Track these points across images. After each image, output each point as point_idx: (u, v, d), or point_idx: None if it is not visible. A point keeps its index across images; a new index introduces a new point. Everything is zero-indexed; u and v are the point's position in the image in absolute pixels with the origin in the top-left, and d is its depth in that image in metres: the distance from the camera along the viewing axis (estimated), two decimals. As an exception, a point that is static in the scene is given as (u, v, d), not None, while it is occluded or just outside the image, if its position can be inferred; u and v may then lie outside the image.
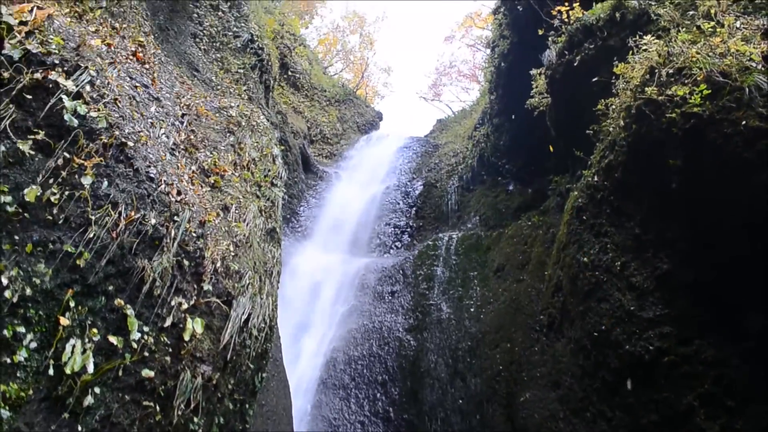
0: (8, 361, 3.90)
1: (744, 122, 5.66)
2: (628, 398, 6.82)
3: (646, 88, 6.77)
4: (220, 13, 15.89)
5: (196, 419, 5.16)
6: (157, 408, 4.72)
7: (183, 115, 6.76)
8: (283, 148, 10.99)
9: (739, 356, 5.80)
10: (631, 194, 7.23)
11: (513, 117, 15.52)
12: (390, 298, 14.40)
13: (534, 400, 8.93)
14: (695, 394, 6.03)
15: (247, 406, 6.58)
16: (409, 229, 18.46)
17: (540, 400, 8.78)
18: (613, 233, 7.50)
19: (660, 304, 6.57)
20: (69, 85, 4.65)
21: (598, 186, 7.94)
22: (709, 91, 6.01)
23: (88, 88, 4.85)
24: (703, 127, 6.01)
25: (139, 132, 5.26)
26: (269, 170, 7.81)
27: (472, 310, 12.22)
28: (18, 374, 3.95)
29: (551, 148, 12.67)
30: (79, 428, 4.22)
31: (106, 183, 4.67)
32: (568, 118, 11.12)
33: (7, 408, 3.82)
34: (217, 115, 7.65)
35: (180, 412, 4.88)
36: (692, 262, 6.31)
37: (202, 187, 6.04)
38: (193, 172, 6.09)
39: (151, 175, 5.07)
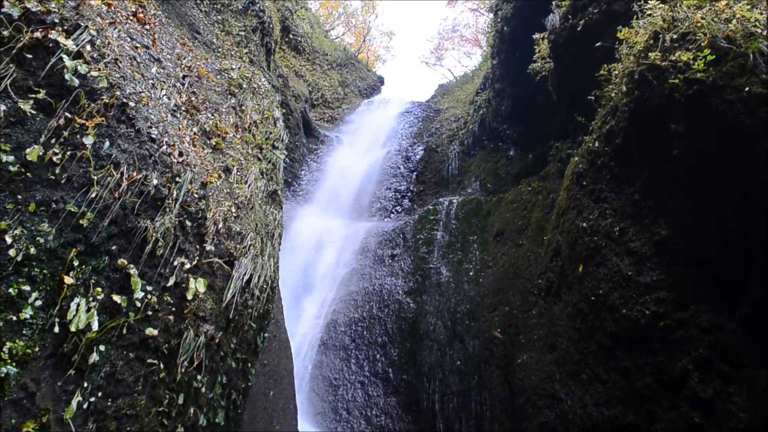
0: (14, 318, 3.97)
1: (747, 89, 5.64)
2: (623, 361, 6.92)
3: (650, 54, 6.72)
4: (220, -27, 15.64)
5: (199, 377, 5.26)
6: (161, 365, 4.81)
7: (184, 77, 6.72)
8: (284, 111, 10.95)
9: (735, 322, 5.87)
10: (631, 160, 7.23)
11: (515, 82, 15.41)
12: (390, 261, 14.49)
13: (531, 362, 9.07)
14: (690, 358, 6.11)
15: (249, 365, 6.69)
16: (409, 194, 18.47)
17: (537, 362, 8.92)
18: (612, 199, 7.52)
19: (657, 270, 6.62)
20: (69, 44, 4.62)
21: (598, 152, 7.94)
22: (713, 56, 5.97)
23: (88, 47, 4.81)
24: (706, 93, 5.98)
25: (140, 93, 5.25)
26: (270, 133, 7.80)
27: (471, 273, 12.32)
28: (24, 331, 4.02)
29: (552, 114, 12.65)
30: (85, 384, 4.32)
31: (107, 143, 4.68)
32: (570, 84, 11.04)
33: (13, 364, 3.90)
34: (218, 77, 7.61)
35: (183, 370, 4.98)
36: (691, 229, 6.34)
37: (203, 148, 6.05)
38: (194, 133, 6.08)
39: (153, 136, 5.07)
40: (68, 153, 4.45)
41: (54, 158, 4.36)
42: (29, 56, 4.43)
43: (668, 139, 6.47)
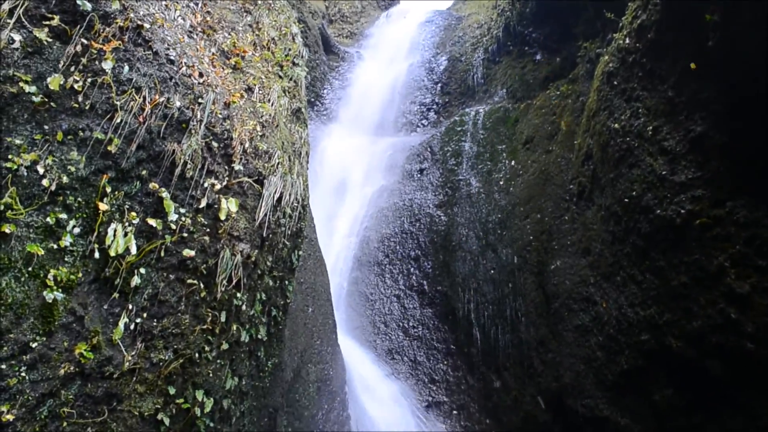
0: (55, 246, 4.07)
1: (790, -32, 5.30)
2: (658, 261, 6.91)
3: (684, -63, 6.32)
4: None
5: (239, 295, 5.40)
6: (201, 285, 4.94)
7: (197, -4, 6.54)
8: (301, 27, 10.68)
9: (773, 216, 5.77)
10: (664, 55, 6.95)
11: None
12: (419, 175, 14.44)
13: (564, 268, 9.11)
14: (726, 255, 6.07)
15: (286, 282, 6.84)
16: (435, 106, 18.12)
17: (570, 267, 8.95)
18: (645, 97, 7.30)
19: (693, 168, 6.48)
20: (77, -34, 4.49)
21: (629, 48, 7.64)
22: (753, -66, 5.59)
23: (96, -31, 4.68)
24: (744, -24, 5.65)
25: (154, 14, 5.12)
26: (289, 49, 7.63)
27: (501, 183, 12.22)
28: (66, 259, 4.13)
29: (580, 12, 12.11)
30: (130, 306, 4.46)
31: (126, 67, 4.62)
32: (598, -22, 10.52)
33: (60, 290, 4.03)
34: (231, -6, 7.39)
35: (223, 289, 5.11)
36: (727, 123, 6.14)
37: (223, 69, 5.95)
38: (213, 54, 5.97)
39: (171, 58, 4.99)
40: (89, 80, 4.41)
41: (75, 86, 4.32)
42: (38, -18, 4.32)
43: (703, 30, 6.16)
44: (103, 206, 4.32)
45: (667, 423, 6.89)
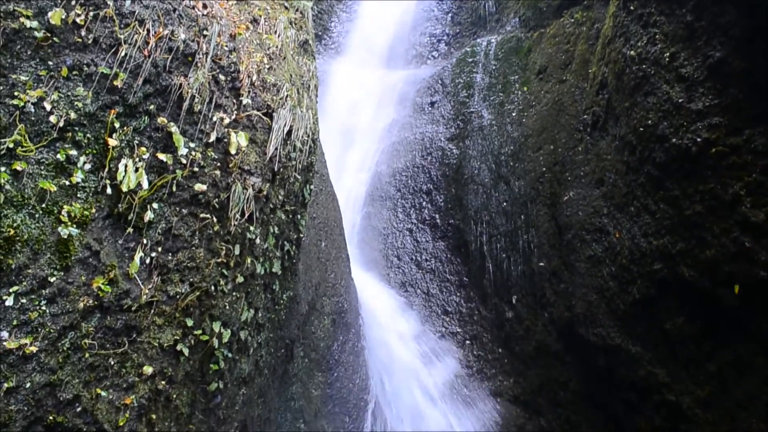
0: (67, 183, 4.10)
1: None
2: (672, 191, 6.85)
3: None
4: None
5: (252, 228, 5.44)
6: (214, 219, 4.97)
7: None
8: (307, -44, 10.34)
9: (792, 142, 5.67)
10: (684, -24, 6.71)
11: None
12: (430, 108, 14.24)
13: (577, 199, 9.06)
14: (742, 183, 6.00)
15: (299, 216, 6.87)
16: (445, 37, 17.66)
17: (583, 198, 8.90)
18: (662, 23, 7.07)
19: (710, 95, 6.34)
20: None
21: (648, -30, 7.37)
22: None
23: None
24: None
25: (153, -58, 4.98)
26: (295, -22, 7.43)
27: (513, 114, 12.04)
28: (78, 195, 4.17)
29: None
30: (144, 241, 4.51)
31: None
32: None
33: (74, 226, 4.07)
34: None
35: (236, 222, 5.14)
36: (747, 49, 5.95)
37: (227, 0, 5.82)
38: (216, -16, 5.83)
39: (174, -11, 4.89)
40: (91, 13, 4.33)
41: (77, 20, 4.25)
42: None
43: (726, -53, 5.92)
44: (112, 142, 4.32)
45: (678, 350, 6.98)
